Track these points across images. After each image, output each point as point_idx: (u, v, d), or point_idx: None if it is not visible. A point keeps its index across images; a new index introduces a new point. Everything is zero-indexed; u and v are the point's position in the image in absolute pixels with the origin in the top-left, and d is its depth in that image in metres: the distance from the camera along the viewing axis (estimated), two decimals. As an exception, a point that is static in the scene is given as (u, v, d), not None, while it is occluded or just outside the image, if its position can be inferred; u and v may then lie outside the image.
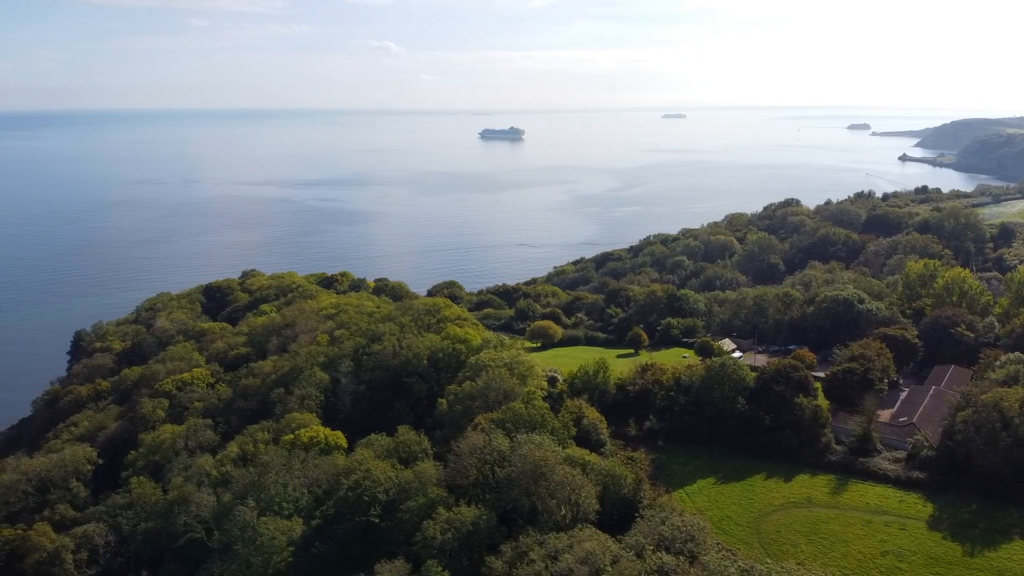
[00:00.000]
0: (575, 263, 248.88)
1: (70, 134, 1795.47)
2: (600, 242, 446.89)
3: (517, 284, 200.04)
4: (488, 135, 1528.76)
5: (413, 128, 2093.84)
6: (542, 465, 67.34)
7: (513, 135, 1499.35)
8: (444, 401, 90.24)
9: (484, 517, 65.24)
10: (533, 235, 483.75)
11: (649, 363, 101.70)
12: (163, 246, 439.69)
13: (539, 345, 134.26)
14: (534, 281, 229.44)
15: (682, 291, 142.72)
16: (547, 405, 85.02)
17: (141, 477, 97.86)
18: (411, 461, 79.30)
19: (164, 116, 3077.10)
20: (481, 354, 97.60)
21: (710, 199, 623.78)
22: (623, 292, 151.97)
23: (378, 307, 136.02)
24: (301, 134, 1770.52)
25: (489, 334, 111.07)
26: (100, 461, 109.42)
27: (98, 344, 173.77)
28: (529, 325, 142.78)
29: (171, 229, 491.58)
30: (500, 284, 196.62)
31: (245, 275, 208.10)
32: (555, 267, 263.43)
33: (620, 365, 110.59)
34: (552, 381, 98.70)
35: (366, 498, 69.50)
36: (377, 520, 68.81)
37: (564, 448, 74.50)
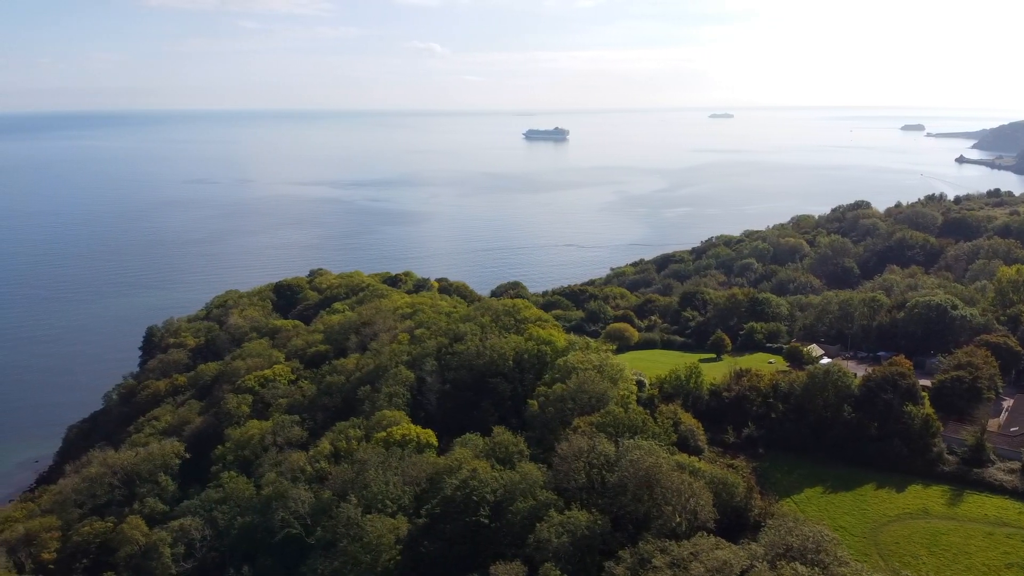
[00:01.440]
0: (634, 264, 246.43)
1: (125, 134, 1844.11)
2: (652, 243, 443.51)
3: (583, 285, 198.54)
4: (532, 136, 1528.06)
5: (458, 129, 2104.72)
6: (655, 471, 66.06)
7: (558, 135, 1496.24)
8: (535, 403, 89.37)
9: (599, 522, 64.19)
10: (582, 236, 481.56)
11: (744, 369, 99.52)
12: (220, 244, 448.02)
13: (614, 348, 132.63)
14: (592, 282, 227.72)
15: (763, 295, 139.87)
16: (644, 409, 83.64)
17: (232, 472, 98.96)
18: (507, 462, 78.65)
19: (214, 117, 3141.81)
20: (569, 356, 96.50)
21: (763, 200, 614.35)
22: (699, 295, 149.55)
23: (454, 307, 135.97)
24: (349, 135, 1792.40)
25: (573, 336, 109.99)
26: (187, 455, 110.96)
27: (171, 340, 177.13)
28: (601, 327, 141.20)
29: (228, 228, 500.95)
30: (565, 285, 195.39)
31: (312, 274, 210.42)
32: (612, 268, 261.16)
33: (705, 370, 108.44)
34: (639, 385, 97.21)
35: (475, 498, 68.99)
36: (486, 521, 68.20)
37: (671, 455, 73.02)
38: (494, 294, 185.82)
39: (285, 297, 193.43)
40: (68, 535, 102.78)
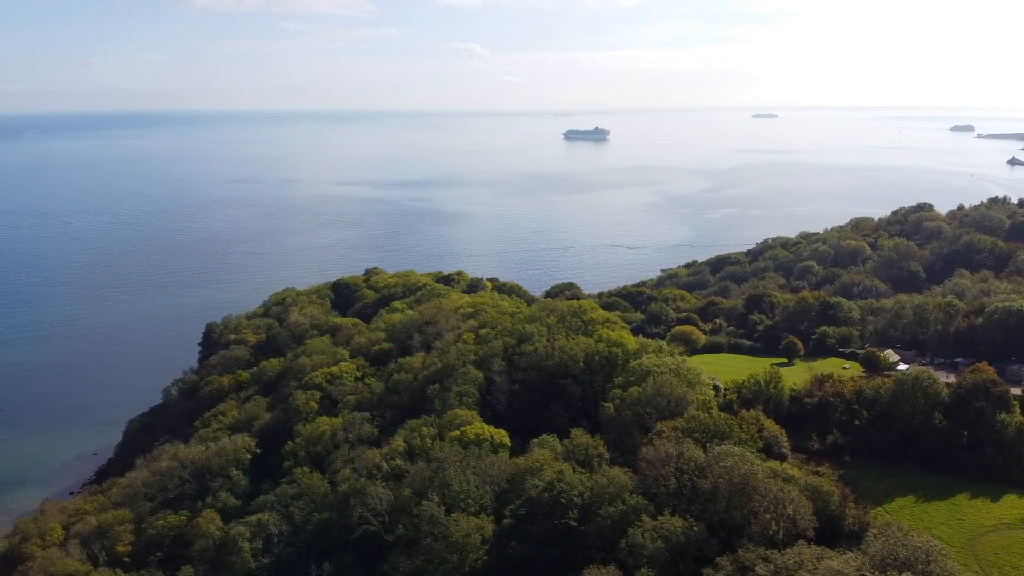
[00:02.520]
0: (687, 266, 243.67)
1: (171, 134, 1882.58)
2: (698, 244, 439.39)
3: (635, 287, 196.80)
4: (572, 135, 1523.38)
5: (497, 129, 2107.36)
6: (751, 478, 64.82)
7: (598, 135, 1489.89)
8: (610, 405, 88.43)
9: (695, 528, 63.16)
10: (627, 236, 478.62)
11: (825, 374, 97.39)
12: (268, 243, 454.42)
13: (680, 352, 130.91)
14: (644, 283, 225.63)
15: (834, 299, 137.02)
16: (726, 414, 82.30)
17: (304, 468, 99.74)
18: (587, 465, 77.99)
19: (257, 118, 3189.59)
20: (643, 359, 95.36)
21: (810, 202, 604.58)
22: (765, 298, 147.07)
23: (517, 308, 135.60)
24: (389, 136, 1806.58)
25: (644, 338, 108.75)
26: (258, 451, 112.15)
27: (231, 336, 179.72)
28: (663, 330, 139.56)
29: (274, 227, 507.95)
30: (619, 286, 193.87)
31: (368, 273, 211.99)
32: (663, 270, 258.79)
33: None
34: (715, 389, 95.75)
35: (562, 501, 68.40)
36: (575, 524, 67.60)
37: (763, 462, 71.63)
38: (548, 295, 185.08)
39: (343, 295, 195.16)
40: (141, 528, 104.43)
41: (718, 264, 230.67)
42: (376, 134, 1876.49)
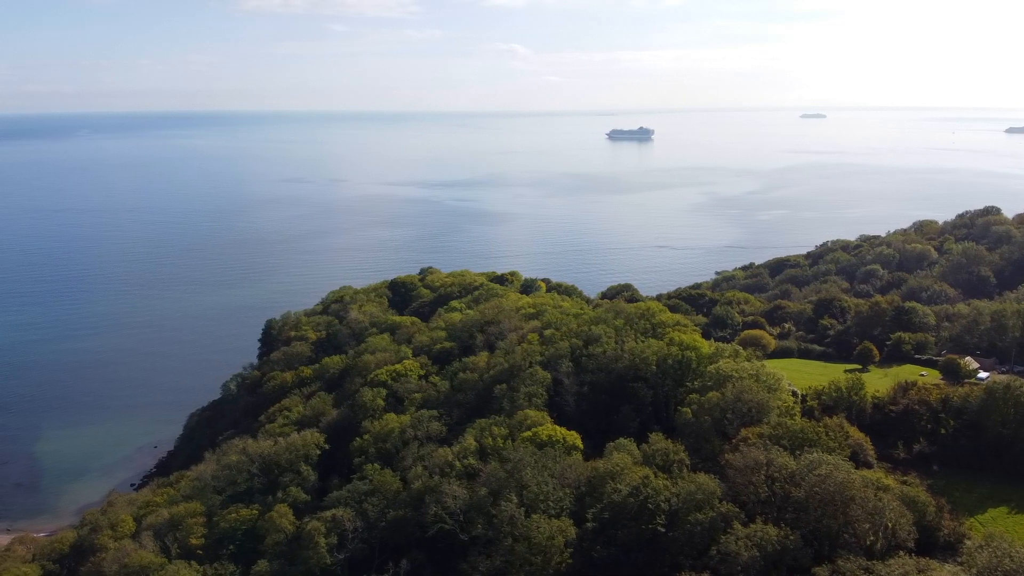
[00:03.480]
0: (744, 268, 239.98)
1: (220, 134, 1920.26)
2: (748, 246, 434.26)
3: (689, 288, 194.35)
4: (616, 136, 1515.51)
5: (540, 130, 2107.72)
6: (847, 487, 63.21)
7: (642, 135, 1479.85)
8: (688, 410, 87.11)
9: (791, 537, 61.81)
10: (673, 237, 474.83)
11: (910, 381, 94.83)
12: (318, 241, 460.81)
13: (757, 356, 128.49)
14: (699, 285, 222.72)
15: (909, 304, 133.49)
16: (810, 421, 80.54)
17: (375, 464, 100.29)
18: (667, 470, 76.96)
19: (303, 118, 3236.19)
20: (720, 363, 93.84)
21: (863, 204, 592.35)
22: (836, 302, 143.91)
23: (581, 309, 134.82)
24: (433, 137, 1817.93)
25: (720, 343, 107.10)
26: (327, 446, 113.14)
27: (292, 333, 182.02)
28: (728, 333, 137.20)
29: (324, 226, 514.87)
30: (676, 288, 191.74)
31: (423, 272, 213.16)
32: (718, 272, 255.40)
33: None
34: (793, 395, 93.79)
35: (650, 506, 67.55)
36: (663, 529, 66.70)
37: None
38: (604, 296, 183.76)
39: (399, 294, 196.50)
40: (213, 521, 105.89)
41: (777, 267, 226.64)
42: (420, 135, 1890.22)
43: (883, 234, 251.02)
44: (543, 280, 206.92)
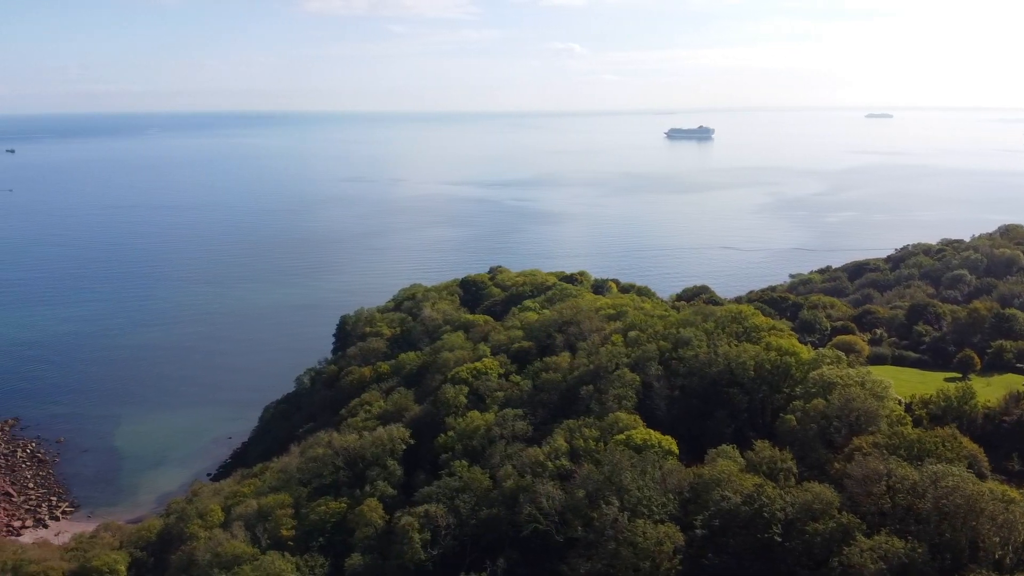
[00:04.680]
0: (821, 271, 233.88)
1: (282, 134, 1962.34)
2: (818, 248, 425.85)
3: (771, 292, 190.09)
4: (675, 135, 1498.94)
5: (596, 129, 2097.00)
6: (976, 499, 60.54)
7: (702, 134, 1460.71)
8: (792, 417, 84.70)
9: (918, 549, 59.49)
10: (737, 238, 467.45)
11: (1023, 392, 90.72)
12: (382, 239, 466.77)
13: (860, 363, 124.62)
14: (774, 288, 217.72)
15: (1009, 310, 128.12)
16: (926, 431, 77.53)
17: (463, 461, 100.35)
18: (773, 478, 74.89)
19: (362, 119, 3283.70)
20: (824, 369, 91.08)
21: (937, 207, 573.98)
22: (930, 308, 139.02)
23: (666, 311, 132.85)
24: (490, 136, 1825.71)
25: (823, 349, 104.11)
26: (412, 441, 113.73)
27: (367, 329, 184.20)
28: (816, 339, 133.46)
29: (387, 224, 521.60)
30: (754, 290, 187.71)
31: (493, 271, 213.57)
32: (792, 275, 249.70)
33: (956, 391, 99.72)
34: (899, 403, 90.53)
35: (765, 514, 65.80)
36: (779, 539, 64.91)
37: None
38: (681, 298, 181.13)
39: (470, 292, 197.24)
40: (302, 513, 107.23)
41: (856, 270, 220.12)
42: (477, 135, 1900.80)
43: (966, 238, 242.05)
44: (612, 280, 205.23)
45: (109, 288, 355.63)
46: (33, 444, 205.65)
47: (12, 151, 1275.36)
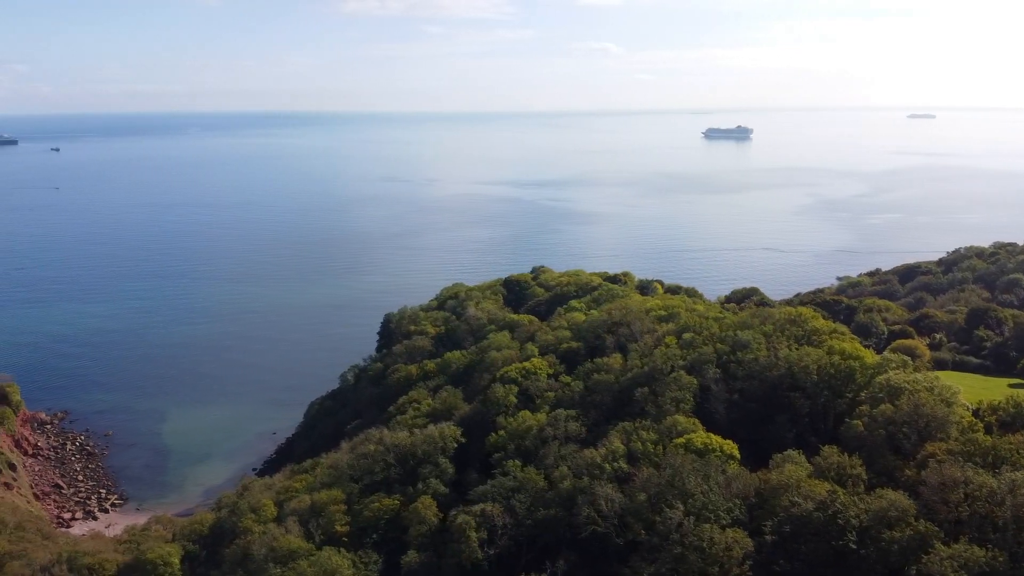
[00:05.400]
0: (870, 274, 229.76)
1: (320, 133, 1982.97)
2: (861, 250, 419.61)
3: (819, 294, 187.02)
4: (713, 135, 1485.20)
5: (632, 129, 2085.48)
6: (1063, 510, 58.59)
7: (740, 134, 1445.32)
8: (859, 423, 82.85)
9: (999, 558, 57.73)
10: (778, 240, 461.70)
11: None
12: (420, 239, 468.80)
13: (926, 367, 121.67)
14: (821, 291, 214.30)
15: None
16: (1001, 437, 75.26)
17: (517, 461, 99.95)
18: (840, 485, 73.27)
19: (398, 119, 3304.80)
20: (890, 373, 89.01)
21: (984, 209, 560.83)
22: (991, 312, 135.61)
23: (720, 313, 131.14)
24: (524, 136, 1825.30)
25: (887, 353, 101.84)
26: (463, 440, 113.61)
27: (412, 327, 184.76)
28: (874, 343, 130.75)
29: (424, 224, 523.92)
30: (802, 292, 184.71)
31: (535, 271, 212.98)
32: (840, 277, 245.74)
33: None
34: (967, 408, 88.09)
35: (840, 521, 64.41)
36: (853, 546, 63.50)
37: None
38: (730, 299, 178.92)
39: (514, 292, 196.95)
40: (355, 509, 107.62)
41: (907, 273, 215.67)
42: (511, 135, 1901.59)
43: (1019, 242, 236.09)
44: (657, 281, 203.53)
45: (153, 285, 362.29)
46: (82, 437, 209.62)
47: (57, 149, 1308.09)
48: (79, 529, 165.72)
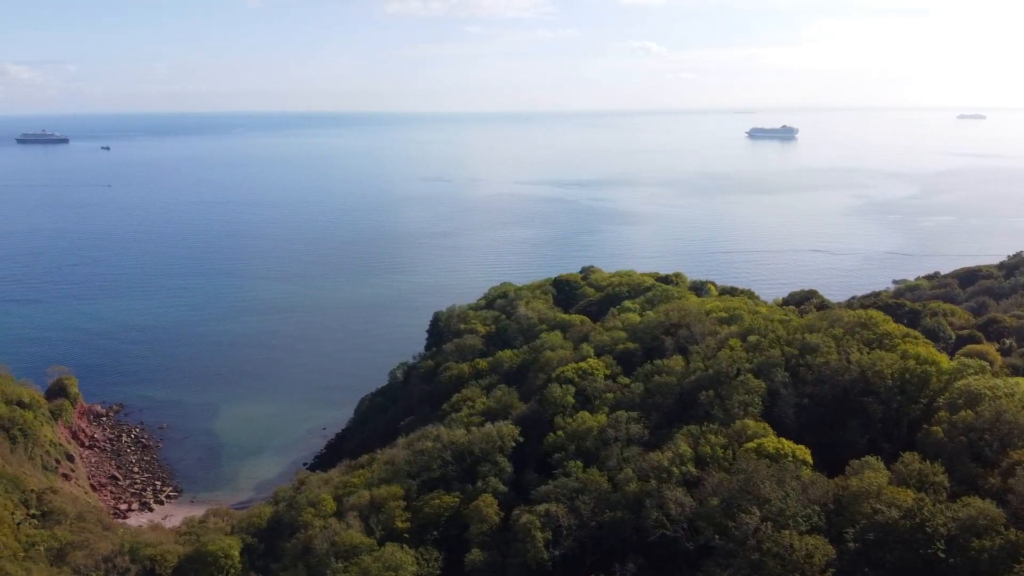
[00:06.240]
0: (929, 277, 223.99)
1: (362, 134, 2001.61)
2: (913, 253, 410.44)
3: (875, 297, 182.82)
4: (757, 134, 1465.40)
5: (674, 128, 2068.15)
6: None
7: (785, 134, 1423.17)
8: (938, 429, 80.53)
9: (1103, 574, 55.58)
10: (829, 242, 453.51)
11: None
12: (463, 238, 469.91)
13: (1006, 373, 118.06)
14: (878, 294, 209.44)
15: None
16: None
17: (578, 462, 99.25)
18: (923, 492, 71.19)
19: (438, 119, 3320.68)
20: (969, 379, 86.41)
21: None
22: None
23: (786, 315, 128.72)
24: (565, 136, 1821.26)
25: (965, 358, 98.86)
26: (521, 439, 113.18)
27: (462, 326, 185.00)
28: (941, 347, 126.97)
29: (467, 223, 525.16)
30: (861, 296, 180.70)
31: (585, 271, 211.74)
32: (896, 280, 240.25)
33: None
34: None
35: (927, 529, 62.60)
36: (942, 555, 61.67)
37: None
38: (787, 302, 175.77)
39: (563, 292, 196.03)
40: (414, 506, 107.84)
41: (967, 277, 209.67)
42: (552, 135, 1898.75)
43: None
44: (710, 282, 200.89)
45: (202, 281, 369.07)
46: (137, 430, 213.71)
47: (107, 148, 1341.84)
48: (135, 520, 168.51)
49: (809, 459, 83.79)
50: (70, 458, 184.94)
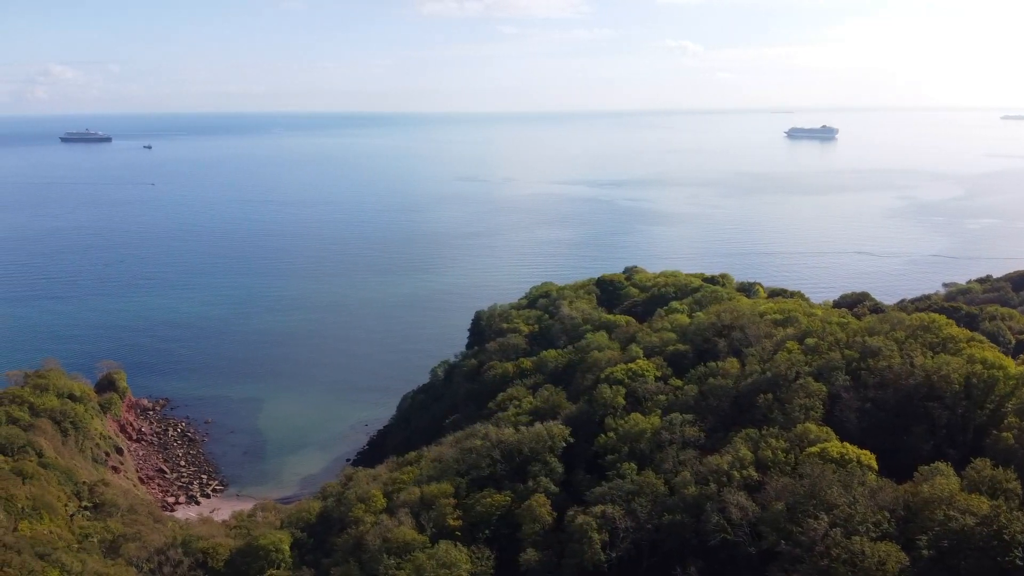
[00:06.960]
0: (980, 280, 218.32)
1: (398, 134, 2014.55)
2: (960, 256, 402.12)
3: (926, 300, 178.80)
4: (796, 134, 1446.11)
5: (711, 128, 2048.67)
6: None
7: (825, 134, 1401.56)
8: (1009, 435, 78.44)
9: None
10: (873, 244, 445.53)
11: None
12: (499, 238, 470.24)
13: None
14: (928, 297, 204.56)
15: None
16: None
17: (632, 464, 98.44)
18: (995, 499, 69.30)
19: (474, 119, 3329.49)
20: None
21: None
22: None
23: (843, 317, 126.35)
24: (601, 135, 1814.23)
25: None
26: (571, 440, 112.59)
27: (504, 325, 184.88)
28: (1001, 351, 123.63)
29: (503, 223, 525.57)
30: (911, 299, 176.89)
31: (628, 271, 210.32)
32: (946, 283, 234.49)
33: None
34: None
35: (1005, 537, 60.97)
36: (1020, 563, 59.99)
37: None
38: (838, 304, 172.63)
39: (607, 292, 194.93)
40: (465, 504, 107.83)
41: (1020, 280, 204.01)
42: (587, 134, 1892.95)
43: None
44: (758, 284, 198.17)
45: (244, 279, 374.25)
46: (183, 424, 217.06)
47: (149, 147, 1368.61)
48: (182, 513, 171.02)
49: (874, 464, 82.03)
50: (119, 451, 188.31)
